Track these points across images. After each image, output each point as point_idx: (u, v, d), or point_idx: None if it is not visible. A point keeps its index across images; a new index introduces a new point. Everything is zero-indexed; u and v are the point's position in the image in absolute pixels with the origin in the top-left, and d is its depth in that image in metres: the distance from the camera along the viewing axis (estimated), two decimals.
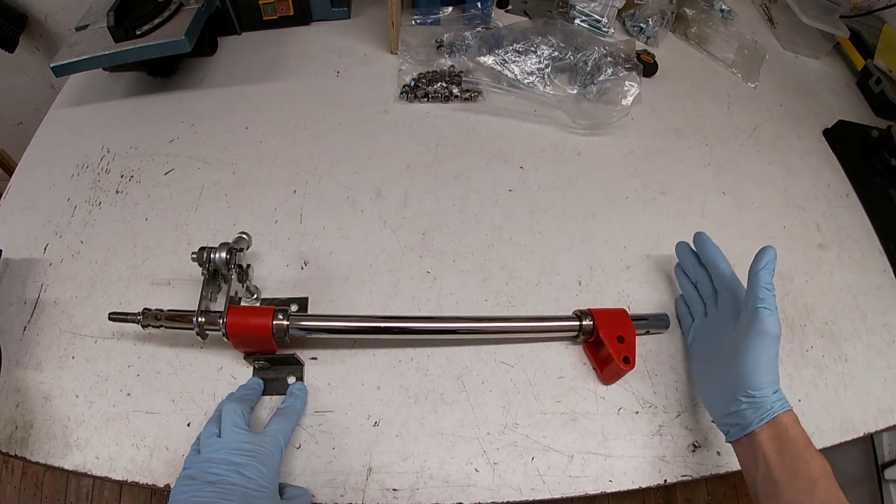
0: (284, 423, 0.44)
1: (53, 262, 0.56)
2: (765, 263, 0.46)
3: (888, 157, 0.72)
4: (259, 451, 0.40)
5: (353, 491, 0.45)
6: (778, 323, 0.44)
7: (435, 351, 0.53)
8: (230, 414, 0.42)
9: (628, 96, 0.71)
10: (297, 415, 0.46)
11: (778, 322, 0.44)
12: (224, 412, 0.43)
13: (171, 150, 0.66)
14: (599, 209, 0.65)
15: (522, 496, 0.46)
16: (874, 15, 0.91)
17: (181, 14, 0.65)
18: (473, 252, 0.59)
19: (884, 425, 0.54)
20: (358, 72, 0.76)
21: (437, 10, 0.82)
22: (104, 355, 0.50)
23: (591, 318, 0.51)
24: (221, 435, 0.41)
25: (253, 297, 0.54)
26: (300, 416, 0.47)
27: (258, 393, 0.47)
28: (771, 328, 0.43)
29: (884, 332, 0.60)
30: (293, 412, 0.46)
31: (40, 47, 0.94)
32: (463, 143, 0.69)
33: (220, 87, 0.73)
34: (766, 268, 0.46)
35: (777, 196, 0.70)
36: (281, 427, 0.43)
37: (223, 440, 0.40)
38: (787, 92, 0.84)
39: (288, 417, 0.45)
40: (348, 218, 0.61)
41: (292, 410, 0.46)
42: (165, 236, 0.58)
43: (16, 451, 0.46)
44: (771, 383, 0.43)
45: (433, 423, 0.49)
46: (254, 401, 0.47)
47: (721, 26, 0.88)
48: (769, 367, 0.43)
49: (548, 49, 0.75)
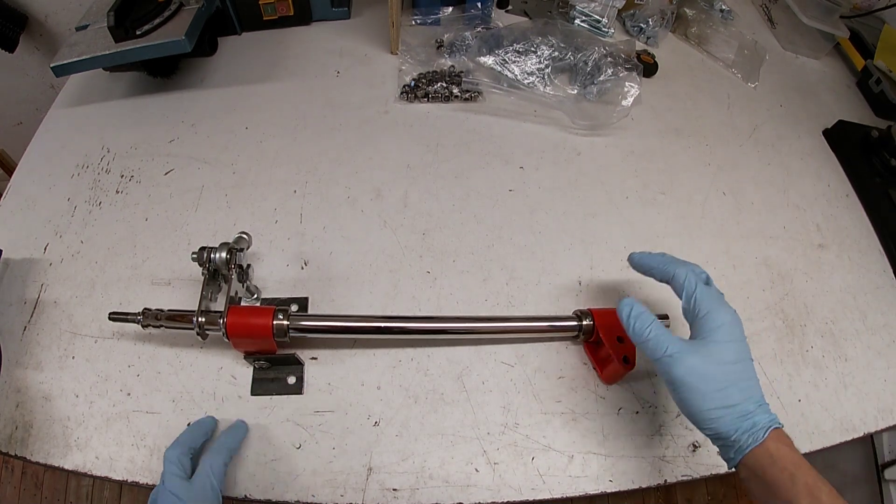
0: (214, 460, 0.42)
1: (53, 262, 0.56)
2: (626, 318, 0.42)
3: (888, 157, 0.72)
4: (190, 499, 0.39)
5: (353, 491, 0.45)
6: (682, 366, 0.39)
7: (435, 351, 0.53)
8: (166, 463, 0.41)
9: (628, 97, 0.71)
10: (229, 451, 0.44)
11: (683, 365, 0.39)
12: (164, 460, 0.42)
13: (171, 150, 0.66)
14: (599, 209, 0.65)
15: (522, 496, 0.46)
16: (874, 15, 0.91)
17: (181, 14, 0.65)
18: (473, 252, 0.59)
19: (884, 425, 0.54)
20: (358, 72, 0.76)
21: (437, 11, 0.82)
22: (104, 355, 0.50)
23: (591, 318, 0.51)
24: (164, 483, 0.41)
25: (253, 297, 0.54)
26: (233, 451, 0.45)
27: (203, 431, 0.45)
28: (678, 375, 0.39)
29: (884, 332, 0.60)
30: (225, 449, 0.44)
31: (40, 47, 0.94)
32: (463, 143, 0.69)
33: (220, 87, 0.73)
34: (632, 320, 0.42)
35: (777, 196, 0.70)
36: (210, 467, 0.42)
37: (160, 491, 0.40)
38: (787, 92, 0.84)
39: (218, 454, 0.43)
40: (348, 218, 0.61)
41: (224, 447, 0.44)
42: (165, 236, 0.58)
43: (16, 451, 0.46)
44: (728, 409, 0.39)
45: (433, 423, 0.49)
46: (196, 442, 0.44)
47: (721, 26, 0.88)
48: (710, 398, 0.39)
49: (548, 49, 0.75)
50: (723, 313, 0.42)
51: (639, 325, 0.42)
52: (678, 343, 0.40)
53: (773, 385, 0.54)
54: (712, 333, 0.41)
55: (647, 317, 0.42)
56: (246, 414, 0.48)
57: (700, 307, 0.42)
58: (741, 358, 0.41)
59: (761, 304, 0.60)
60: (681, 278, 0.45)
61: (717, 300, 0.43)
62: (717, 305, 0.42)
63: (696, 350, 0.40)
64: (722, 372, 0.39)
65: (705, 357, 0.40)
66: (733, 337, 0.41)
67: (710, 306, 0.42)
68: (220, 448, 0.44)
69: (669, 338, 0.40)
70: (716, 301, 0.43)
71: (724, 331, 0.41)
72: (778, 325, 0.58)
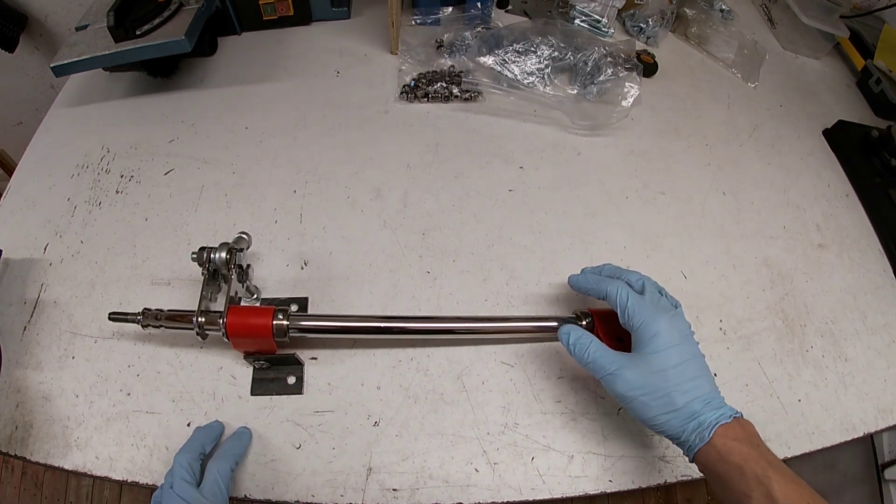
0: (221, 466, 0.42)
1: (53, 262, 0.56)
2: (567, 344, 0.45)
3: (888, 157, 0.72)
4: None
5: (353, 491, 0.45)
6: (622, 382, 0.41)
7: (435, 351, 0.53)
8: (177, 468, 0.42)
9: (628, 97, 0.71)
10: (235, 458, 0.44)
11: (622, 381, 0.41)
12: (174, 465, 0.42)
13: (171, 150, 0.66)
14: (599, 209, 0.65)
15: (522, 496, 0.46)
16: (874, 15, 0.91)
17: (181, 14, 0.65)
18: (473, 252, 0.59)
19: (884, 425, 0.54)
20: (358, 72, 0.76)
21: (437, 10, 0.82)
22: (104, 355, 0.50)
23: (590, 318, 0.51)
24: (174, 487, 0.40)
25: (253, 297, 0.54)
26: (240, 458, 0.45)
27: (212, 436, 0.45)
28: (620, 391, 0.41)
29: (884, 332, 0.60)
30: (231, 455, 0.44)
31: (40, 47, 0.94)
32: (463, 143, 0.69)
33: (220, 87, 0.73)
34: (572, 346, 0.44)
35: (777, 196, 0.70)
36: (218, 472, 0.42)
37: (168, 495, 0.40)
38: (787, 92, 0.84)
39: (225, 461, 0.43)
40: (348, 218, 0.61)
41: (230, 454, 0.44)
42: (165, 236, 0.58)
43: (16, 451, 0.46)
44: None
45: (433, 423, 0.49)
46: (205, 448, 0.44)
47: (721, 26, 0.88)
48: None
49: (548, 49, 0.75)
50: (657, 321, 0.42)
51: (578, 348, 0.44)
52: (617, 360, 0.42)
53: (773, 385, 0.54)
54: (649, 343, 0.42)
55: (585, 339, 0.44)
56: (246, 414, 0.48)
57: (633, 319, 0.43)
58: (683, 359, 0.41)
59: (761, 304, 0.60)
60: (613, 295, 0.45)
61: (650, 309, 0.43)
62: (652, 314, 0.43)
63: (634, 364, 0.41)
64: (661, 379, 0.40)
65: (643, 369, 0.41)
66: (671, 342, 0.41)
67: (644, 317, 0.42)
68: (226, 454, 0.44)
69: (608, 357, 0.42)
70: (648, 310, 0.43)
71: (661, 339, 0.41)
72: (778, 325, 0.58)
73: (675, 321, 0.43)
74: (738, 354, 0.56)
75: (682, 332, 0.43)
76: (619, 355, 0.42)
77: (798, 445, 0.51)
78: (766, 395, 0.54)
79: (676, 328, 0.42)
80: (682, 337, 0.42)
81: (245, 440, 0.46)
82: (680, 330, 0.42)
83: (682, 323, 0.43)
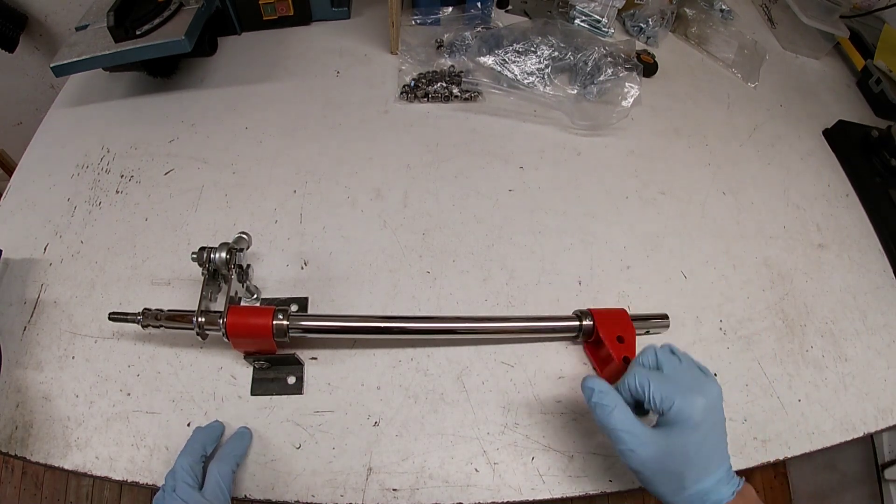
0: (222, 468, 0.43)
1: (53, 262, 0.56)
2: (588, 400, 0.41)
3: (888, 157, 0.72)
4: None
5: (353, 491, 0.45)
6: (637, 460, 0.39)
7: (435, 351, 0.53)
8: (179, 471, 0.42)
9: (628, 97, 0.71)
10: (236, 459, 0.44)
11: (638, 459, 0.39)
12: (175, 468, 0.42)
13: (171, 150, 0.66)
14: (599, 209, 0.65)
15: (522, 496, 0.46)
16: (874, 15, 0.92)
17: (181, 14, 0.65)
18: (473, 252, 0.59)
19: (884, 425, 0.54)
20: (358, 72, 0.76)
21: (437, 10, 0.82)
22: (104, 355, 0.50)
23: (591, 318, 0.51)
24: (176, 491, 0.40)
25: (253, 297, 0.54)
26: (241, 459, 0.45)
27: (213, 437, 0.45)
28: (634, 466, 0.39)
29: (884, 332, 0.60)
30: (232, 457, 0.44)
31: (40, 47, 0.94)
32: (463, 143, 0.69)
33: (220, 87, 0.73)
34: (594, 404, 0.40)
35: (777, 196, 0.70)
36: (219, 474, 0.42)
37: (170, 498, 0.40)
38: (787, 92, 0.84)
39: (226, 462, 0.43)
40: (348, 218, 0.61)
41: (231, 455, 0.44)
42: (165, 236, 0.58)
43: (16, 451, 0.46)
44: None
45: (433, 423, 0.49)
46: (206, 449, 0.44)
47: (721, 26, 0.88)
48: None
49: (548, 49, 0.75)
50: (684, 401, 0.39)
51: (600, 412, 0.40)
52: (638, 437, 0.39)
53: (773, 385, 0.54)
54: (673, 425, 0.39)
55: (609, 402, 0.40)
56: (246, 414, 0.48)
57: (663, 404, 0.39)
58: (705, 436, 0.39)
59: (761, 304, 0.60)
60: (633, 387, 0.41)
61: (671, 387, 0.39)
62: (676, 392, 0.39)
63: (654, 442, 0.39)
64: (678, 463, 0.38)
65: (662, 450, 0.39)
66: (695, 421, 0.38)
67: (672, 399, 0.39)
68: (227, 456, 0.44)
69: (630, 431, 0.39)
70: (671, 388, 0.39)
71: (686, 419, 0.39)
72: (778, 325, 0.58)
73: (703, 394, 0.39)
74: (738, 354, 0.56)
75: (710, 404, 0.39)
76: (642, 429, 0.39)
77: (798, 445, 0.51)
78: (766, 395, 0.54)
79: (703, 404, 0.39)
80: (708, 411, 0.39)
81: (245, 441, 0.46)
82: (707, 404, 0.39)
83: (710, 394, 0.40)
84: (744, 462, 0.50)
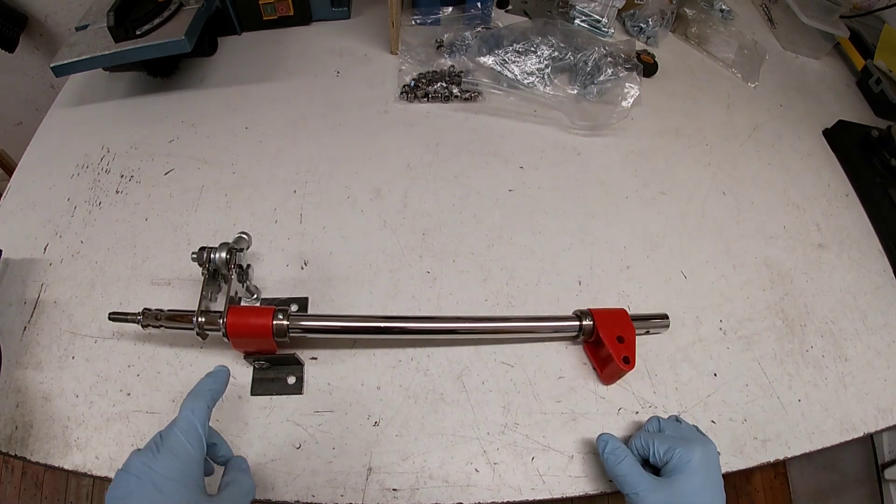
0: (194, 403, 0.38)
1: (53, 262, 0.56)
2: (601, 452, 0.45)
3: (888, 157, 0.72)
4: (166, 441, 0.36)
5: (353, 491, 0.45)
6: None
7: (435, 351, 0.53)
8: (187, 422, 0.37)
9: (628, 97, 0.71)
10: (208, 394, 0.39)
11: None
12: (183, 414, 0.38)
13: (171, 150, 0.66)
14: (599, 209, 0.65)
15: (522, 496, 0.46)
16: (874, 15, 0.92)
17: (181, 14, 0.65)
18: (473, 252, 0.59)
19: (884, 425, 0.54)
20: (358, 72, 0.76)
21: (437, 10, 0.82)
22: (104, 355, 0.50)
23: (591, 318, 0.51)
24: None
25: (253, 297, 0.54)
26: (216, 397, 0.40)
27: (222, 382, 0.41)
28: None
29: (884, 332, 0.60)
30: (204, 391, 0.39)
31: (40, 47, 0.94)
32: (463, 143, 0.69)
33: (220, 87, 0.73)
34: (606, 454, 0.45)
35: (777, 196, 0.70)
36: (190, 408, 0.38)
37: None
38: (787, 92, 0.84)
39: (196, 397, 0.38)
40: (348, 218, 0.61)
41: (202, 389, 0.39)
42: (165, 236, 0.58)
43: (16, 451, 0.46)
44: None
45: (433, 423, 0.49)
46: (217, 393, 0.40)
47: (721, 26, 0.88)
48: None
49: (548, 49, 0.75)
50: (685, 451, 0.43)
51: (611, 460, 0.44)
52: (644, 483, 0.42)
53: (773, 385, 0.54)
54: (675, 473, 0.43)
55: (620, 453, 0.44)
56: (246, 414, 0.48)
57: (666, 455, 0.43)
58: (703, 485, 0.42)
59: (761, 304, 0.60)
60: (639, 446, 0.45)
61: (671, 441, 0.44)
62: (677, 444, 0.43)
63: (660, 488, 0.42)
64: None
65: (667, 495, 0.42)
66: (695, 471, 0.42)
67: (673, 450, 0.43)
68: (202, 391, 0.40)
69: (637, 477, 0.43)
70: (671, 441, 0.44)
71: (686, 468, 0.42)
72: (778, 325, 0.58)
73: (702, 447, 0.43)
74: (738, 354, 0.56)
75: (708, 455, 0.43)
76: (648, 477, 0.43)
77: (798, 445, 0.51)
78: (766, 395, 0.54)
79: (702, 453, 0.43)
80: (706, 461, 0.43)
81: (223, 377, 0.42)
82: (705, 454, 0.43)
83: (708, 448, 0.44)
84: (744, 462, 0.50)
